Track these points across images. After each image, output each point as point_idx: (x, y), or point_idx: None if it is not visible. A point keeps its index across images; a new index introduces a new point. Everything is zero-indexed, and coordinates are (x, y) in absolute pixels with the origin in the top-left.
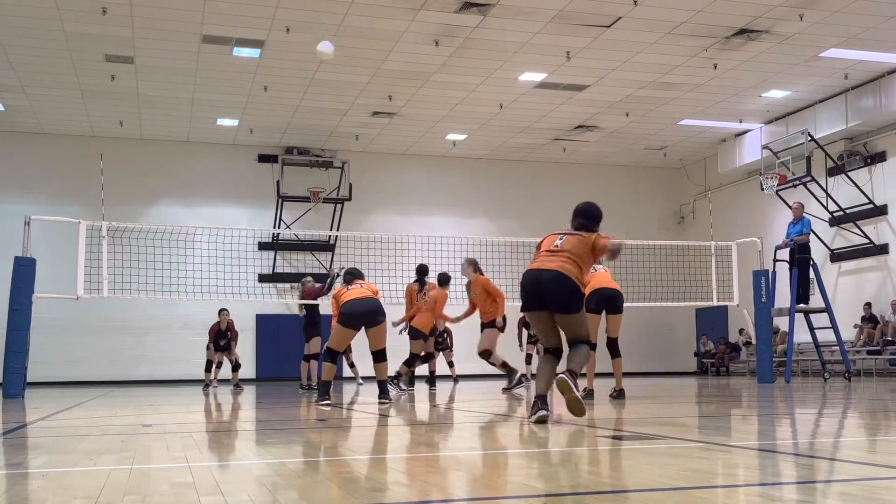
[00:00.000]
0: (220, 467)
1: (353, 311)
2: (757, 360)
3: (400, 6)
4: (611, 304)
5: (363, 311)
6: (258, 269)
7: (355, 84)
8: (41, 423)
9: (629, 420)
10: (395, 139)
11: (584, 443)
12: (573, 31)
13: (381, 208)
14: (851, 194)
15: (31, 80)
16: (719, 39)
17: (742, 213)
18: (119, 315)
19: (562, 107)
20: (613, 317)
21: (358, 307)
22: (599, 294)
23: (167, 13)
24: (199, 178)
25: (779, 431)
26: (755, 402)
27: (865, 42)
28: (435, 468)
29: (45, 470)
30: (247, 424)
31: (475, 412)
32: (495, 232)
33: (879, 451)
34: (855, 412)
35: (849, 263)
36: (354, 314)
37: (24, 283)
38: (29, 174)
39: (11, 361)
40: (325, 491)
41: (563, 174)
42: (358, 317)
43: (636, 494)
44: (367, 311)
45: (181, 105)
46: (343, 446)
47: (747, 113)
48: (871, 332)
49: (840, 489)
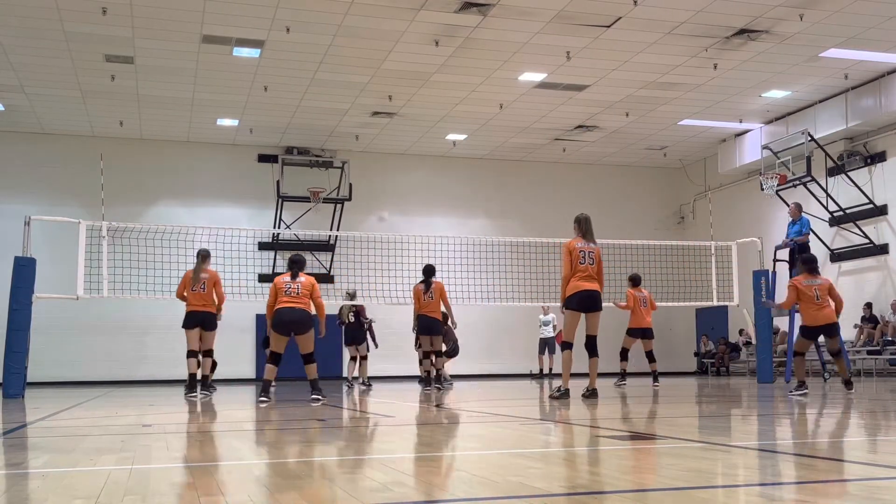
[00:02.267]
0: (220, 467)
1: (282, 319)
2: (757, 360)
3: (400, 6)
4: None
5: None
6: (258, 269)
7: (355, 84)
8: (41, 423)
9: (629, 420)
10: (395, 139)
11: (585, 443)
12: (573, 31)
13: (381, 208)
14: (851, 194)
15: (31, 80)
16: (719, 39)
17: (742, 213)
18: (119, 315)
19: (562, 107)
20: (592, 315)
21: (287, 315)
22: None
23: (167, 13)
24: (199, 178)
25: (779, 431)
26: (755, 402)
27: (865, 42)
28: (435, 468)
29: (45, 470)
30: (247, 424)
31: (475, 412)
32: (495, 232)
33: (879, 451)
34: (855, 412)
35: (849, 263)
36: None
37: (24, 283)
38: (29, 174)
39: (11, 361)
40: (325, 491)
41: (563, 174)
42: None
43: (636, 494)
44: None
45: (181, 105)
46: (343, 446)
47: (747, 113)
48: (871, 333)
49: (840, 489)
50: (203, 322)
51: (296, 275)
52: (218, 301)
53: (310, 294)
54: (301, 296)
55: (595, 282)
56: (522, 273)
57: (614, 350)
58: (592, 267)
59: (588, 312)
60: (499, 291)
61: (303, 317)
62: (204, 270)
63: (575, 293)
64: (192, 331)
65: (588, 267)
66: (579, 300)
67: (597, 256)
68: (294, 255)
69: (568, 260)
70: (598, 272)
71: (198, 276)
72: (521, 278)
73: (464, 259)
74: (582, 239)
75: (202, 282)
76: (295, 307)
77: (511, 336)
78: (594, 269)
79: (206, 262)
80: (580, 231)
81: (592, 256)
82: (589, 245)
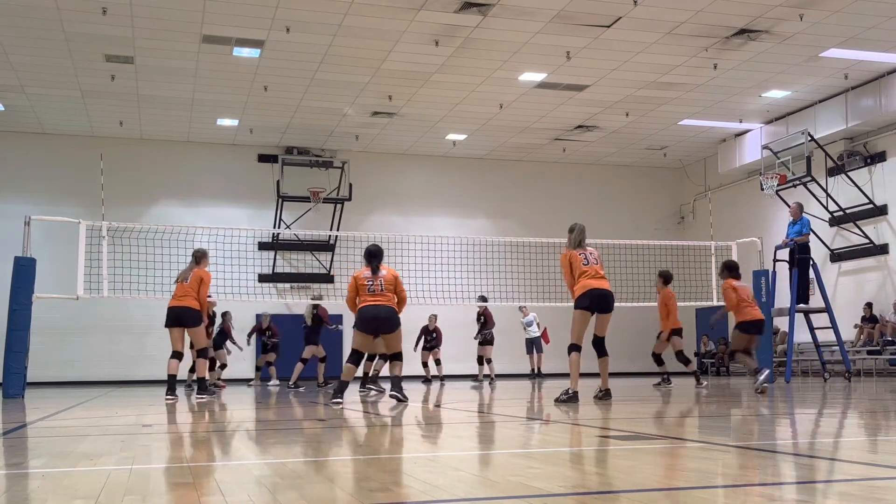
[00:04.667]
0: (220, 467)
1: (366, 315)
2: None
3: (400, 6)
4: (606, 303)
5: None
6: (258, 269)
7: (355, 84)
8: (41, 423)
9: (629, 420)
10: (395, 139)
11: (584, 443)
12: (573, 31)
13: (381, 208)
14: (851, 194)
15: (31, 80)
16: (719, 39)
17: (742, 213)
18: (119, 315)
19: (562, 107)
20: (605, 316)
21: (371, 313)
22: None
23: (167, 13)
24: (199, 178)
25: (779, 431)
26: (755, 402)
27: (865, 42)
28: (435, 468)
29: (45, 470)
30: (247, 424)
31: (475, 412)
32: (495, 232)
33: (879, 451)
34: (855, 412)
35: (849, 263)
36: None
37: (24, 283)
38: (29, 174)
39: (11, 361)
40: (325, 491)
41: (563, 174)
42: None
43: (636, 494)
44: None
45: (181, 105)
46: (343, 446)
47: (747, 113)
48: (871, 332)
49: (840, 489)
50: (180, 318)
51: (376, 269)
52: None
53: (394, 289)
54: (385, 292)
55: (604, 279)
56: (522, 273)
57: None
58: (597, 265)
59: (601, 313)
60: (498, 291)
61: (389, 314)
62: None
63: (586, 291)
64: (173, 330)
65: (593, 265)
66: (591, 299)
67: (597, 255)
68: (372, 246)
69: (568, 269)
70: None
71: (186, 274)
72: (521, 278)
73: (463, 259)
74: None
75: (187, 275)
76: (380, 304)
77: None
78: (599, 266)
79: (200, 264)
80: (574, 242)
81: (594, 255)
82: (586, 249)
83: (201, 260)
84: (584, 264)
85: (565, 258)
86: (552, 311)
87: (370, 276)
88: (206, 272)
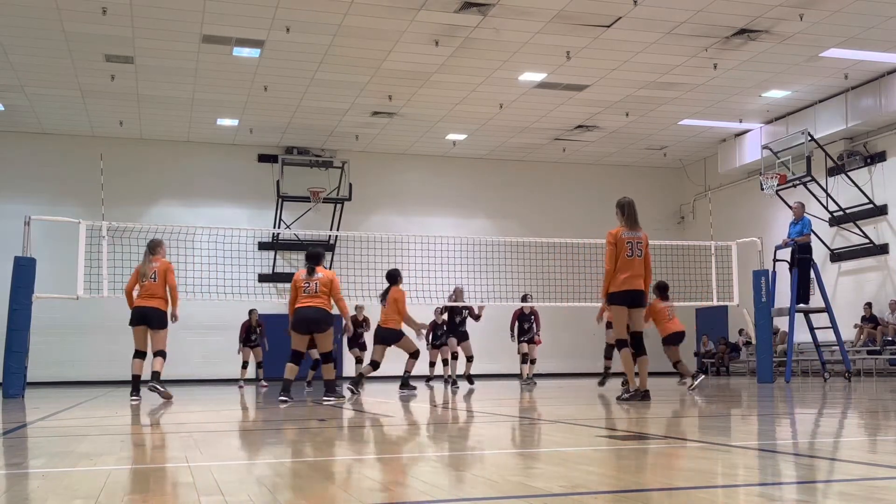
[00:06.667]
0: (220, 467)
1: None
2: (757, 360)
3: (400, 6)
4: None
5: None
6: (258, 269)
7: (355, 84)
8: (41, 423)
9: (629, 420)
10: (395, 139)
11: (585, 443)
12: (573, 31)
13: (381, 208)
14: (851, 194)
15: (31, 80)
16: (719, 39)
17: (742, 213)
18: (119, 315)
19: (562, 107)
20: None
21: (304, 314)
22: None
23: (167, 13)
24: (199, 178)
25: (779, 431)
26: (755, 402)
27: (865, 42)
28: (435, 468)
29: (45, 470)
30: (247, 424)
31: (474, 412)
32: (495, 232)
33: (879, 451)
34: (855, 412)
35: (849, 263)
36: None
37: (24, 283)
38: (29, 174)
39: (11, 361)
40: (325, 491)
41: (563, 174)
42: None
43: (636, 494)
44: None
45: (181, 105)
46: (343, 446)
47: (747, 113)
48: (871, 332)
49: (840, 489)
50: (146, 318)
51: (311, 271)
52: (170, 292)
53: (328, 291)
54: (319, 294)
55: (641, 281)
56: (522, 273)
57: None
58: (640, 259)
59: (632, 308)
60: (498, 291)
61: (319, 315)
62: (153, 260)
63: (620, 291)
64: (136, 328)
65: (636, 260)
66: (624, 295)
67: (644, 246)
68: (310, 249)
69: (612, 252)
70: (646, 263)
71: (146, 269)
72: (521, 278)
73: (463, 259)
74: (627, 228)
75: (152, 272)
76: (311, 306)
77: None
78: (642, 261)
79: (156, 253)
80: (624, 218)
81: (640, 247)
82: (636, 234)
83: (156, 249)
84: (627, 256)
85: (612, 237)
86: (552, 310)
87: (306, 277)
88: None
